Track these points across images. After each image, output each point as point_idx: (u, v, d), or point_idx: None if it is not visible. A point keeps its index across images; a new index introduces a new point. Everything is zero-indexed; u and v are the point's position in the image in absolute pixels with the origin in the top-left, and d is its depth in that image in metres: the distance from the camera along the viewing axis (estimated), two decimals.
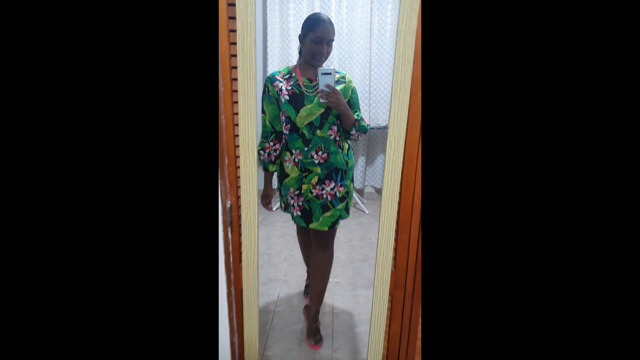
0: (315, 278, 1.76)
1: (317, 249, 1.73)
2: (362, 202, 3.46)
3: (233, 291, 1.03)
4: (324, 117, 1.49)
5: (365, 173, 3.54)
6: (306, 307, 1.91)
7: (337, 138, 1.56)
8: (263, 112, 1.56)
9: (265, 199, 1.76)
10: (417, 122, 0.90)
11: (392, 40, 3.14)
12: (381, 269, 0.97)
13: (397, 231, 0.98)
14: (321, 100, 1.41)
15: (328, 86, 1.39)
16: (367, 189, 3.66)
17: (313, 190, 1.59)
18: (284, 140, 1.58)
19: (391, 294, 1.01)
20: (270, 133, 1.58)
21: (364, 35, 3.14)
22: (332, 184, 1.59)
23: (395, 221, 0.94)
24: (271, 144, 1.58)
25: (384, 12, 3.07)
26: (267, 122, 1.57)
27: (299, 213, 1.66)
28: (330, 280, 2.06)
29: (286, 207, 1.73)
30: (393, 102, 0.87)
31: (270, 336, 1.80)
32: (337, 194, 1.61)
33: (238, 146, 0.94)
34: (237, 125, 0.92)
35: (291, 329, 1.87)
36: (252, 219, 1.00)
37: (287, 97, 1.48)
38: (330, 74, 1.37)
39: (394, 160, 0.91)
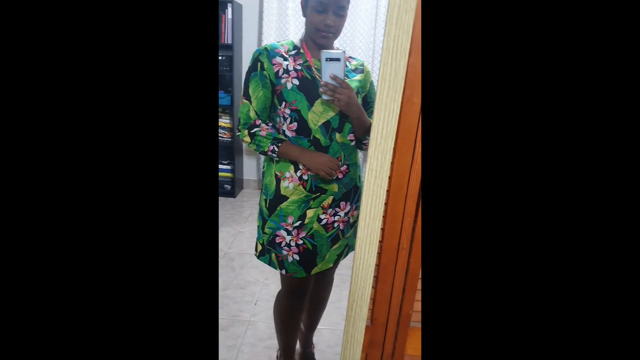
0: (315, 311, 1.49)
1: (318, 287, 1.42)
2: None
3: None
4: (343, 115, 1.10)
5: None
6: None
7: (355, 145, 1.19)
8: (246, 96, 1.11)
9: (330, 162, 1.10)
10: (410, 139, 0.67)
11: None
12: (352, 326, 0.77)
13: (376, 277, 0.78)
14: (324, 97, 1.03)
15: (335, 77, 1.01)
16: None
17: (322, 217, 1.17)
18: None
19: (365, 353, 0.82)
20: (252, 127, 1.13)
21: (369, 20, 2.90)
22: (348, 207, 1.20)
23: (374, 266, 0.74)
24: (266, 126, 1.13)
25: None
26: (252, 114, 1.12)
27: (295, 258, 1.18)
28: None
29: (267, 250, 1.21)
30: (377, 111, 0.64)
31: (241, 352, 1.62)
32: (350, 219, 1.23)
33: None
34: None
35: (265, 344, 1.68)
36: None
37: (295, 82, 1.07)
38: (338, 59, 1.00)
39: (374, 190, 0.69)
